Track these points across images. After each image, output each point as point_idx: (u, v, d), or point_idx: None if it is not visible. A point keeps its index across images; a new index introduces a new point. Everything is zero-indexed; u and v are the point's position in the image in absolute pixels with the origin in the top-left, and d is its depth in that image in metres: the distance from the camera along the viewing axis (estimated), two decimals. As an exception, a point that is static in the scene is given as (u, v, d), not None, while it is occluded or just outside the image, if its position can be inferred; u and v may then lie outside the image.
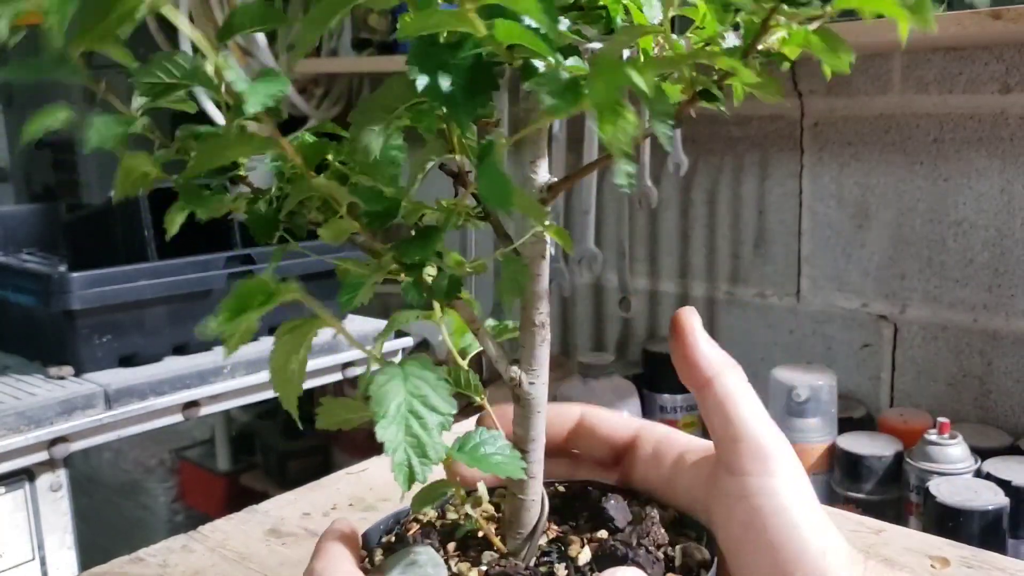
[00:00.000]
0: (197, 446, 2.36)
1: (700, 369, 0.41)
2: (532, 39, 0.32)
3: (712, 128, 1.68)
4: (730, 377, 0.41)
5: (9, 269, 1.35)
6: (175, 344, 1.35)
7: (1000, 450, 1.32)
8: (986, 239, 1.41)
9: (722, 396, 0.41)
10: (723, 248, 1.72)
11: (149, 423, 1.26)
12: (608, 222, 1.79)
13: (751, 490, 0.39)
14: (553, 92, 0.33)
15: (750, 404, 0.41)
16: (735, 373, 0.41)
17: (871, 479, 1.34)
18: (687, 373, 0.42)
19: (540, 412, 0.41)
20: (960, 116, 1.42)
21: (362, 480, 0.85)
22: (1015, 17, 1.12)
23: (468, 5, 0.31)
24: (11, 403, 1.14)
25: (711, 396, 0.41)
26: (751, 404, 0.41)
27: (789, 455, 0.40)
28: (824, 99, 1.55)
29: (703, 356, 0.41)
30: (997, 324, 1.42)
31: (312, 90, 2.17)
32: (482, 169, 0.35)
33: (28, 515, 1.15)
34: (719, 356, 0.42)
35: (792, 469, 0.40)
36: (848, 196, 1.54)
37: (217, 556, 0.70)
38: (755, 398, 0.41)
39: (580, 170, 0.42)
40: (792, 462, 0.40)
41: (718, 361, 0.42)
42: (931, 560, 0.66)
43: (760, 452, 0.39)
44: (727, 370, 0.41)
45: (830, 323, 1.60)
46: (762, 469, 0.39)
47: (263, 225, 0.42)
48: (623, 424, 0.46)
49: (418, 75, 0.33)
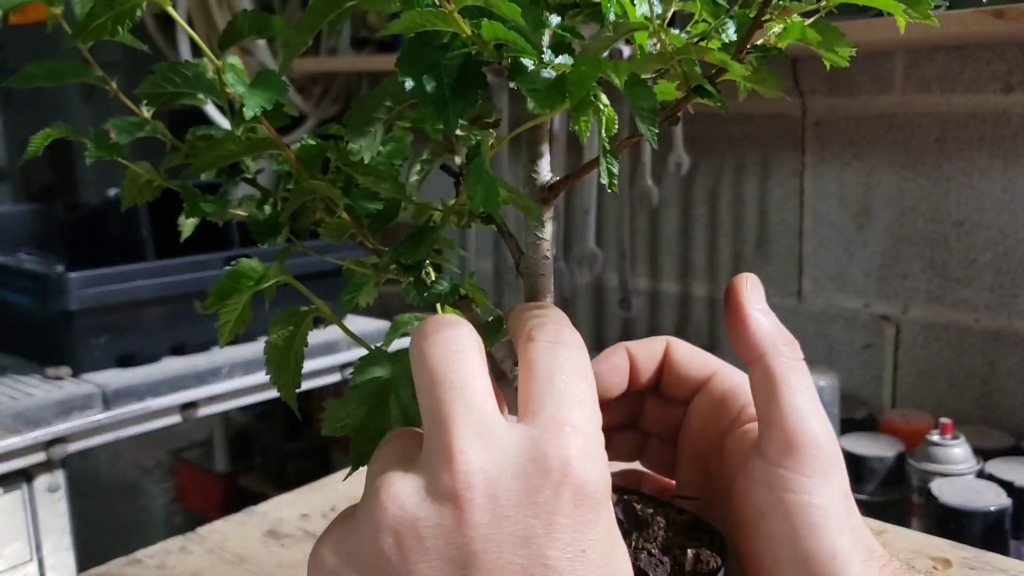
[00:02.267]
0: (195, 447, 2.36)
1: (749, 346, 0.40)
2: (517, 38, 0.32)
3: (713, 127, 1.68)
4: (778, 359, 0.39)
5: (7, 269, 1.34)
6: (173, 344, 1.35)
7: (1002, 451, 1.31)
8: (988, 239, 1.41)
9: (766, 379, 0.39)
10: (724, 248, 1.71)
11: (147, 424, 1.26)
12: (609, 222, 1.78)
13: (773, 479, 0.38)
14: (536, 92, 0.33)
15: (793, 391, 0.39)
16: (786, 353, 0.39)
17: (873, 480, 1.33)
18: (737, 348, 0.40)
19: None
20: (962, 115, 1.41)
21: (361, 481, 0.84)
22: (1017, 16, 1.12)
23: (451, 6, 0.31)
24: (8, 404, 1.14)
25: (756, 376, 0.40)
26: (795, 392, 0.39)
27: (823, 451, 0.38)
28: (826, 98, 1.55)
29: (753, 332, 0.39)
30: (999, 324, 1.42)
31: (311, 89, 2.17)
32: (470, 170, 0.35)
33: (26, 516, 1.14)
34: (770, 333, 0.40)
35: (822, 466, 0.38)
36: (850, 195, 1.54)
37: (215, 557, 0.70)
38: (803, 385, 0.39)
39: (580, 169, 0.41)
40: (825, 459, 0.38)
41: (768, 339, 0.39)
42: (933, 561, 0.65)
43: (791, 444, 0.38)
44: (776, 350, 0.39)
45: (832, 323, 1.60)
46: (789, 462, 0.38)
47: (264, 227, 0.42)
48: (701, 362, 0.44)
49: (405, 76, 0.33)
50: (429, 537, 0.30)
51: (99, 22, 0.36)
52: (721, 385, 0.43)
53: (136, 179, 0.44)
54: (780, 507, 0.38)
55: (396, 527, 0.31)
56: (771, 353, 0.39)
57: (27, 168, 2.38)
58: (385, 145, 0.40)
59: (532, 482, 0.31)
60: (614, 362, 0.43)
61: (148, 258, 1.32)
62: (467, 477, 0.30)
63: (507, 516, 0.30)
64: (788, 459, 0.38)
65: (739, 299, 0.40)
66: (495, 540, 0.30)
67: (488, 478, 0.30)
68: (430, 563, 0.30)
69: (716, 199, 1.71)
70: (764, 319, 0.40)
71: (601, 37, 0.35)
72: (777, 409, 0.38)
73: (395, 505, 0.31)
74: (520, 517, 0.30)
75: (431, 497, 0.31)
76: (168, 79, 0.38)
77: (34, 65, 0.40)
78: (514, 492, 0.30)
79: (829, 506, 0.38)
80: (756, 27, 0.35)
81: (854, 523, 0.39)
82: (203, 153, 0.38)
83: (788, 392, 0.39)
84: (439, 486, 0.31)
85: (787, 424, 0.38)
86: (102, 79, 0.41)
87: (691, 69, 0.35)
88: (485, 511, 0.30)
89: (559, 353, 0.34)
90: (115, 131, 0.42)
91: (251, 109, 0.35)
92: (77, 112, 2.15)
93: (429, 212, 0.41)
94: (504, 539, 0.30)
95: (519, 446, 0.31)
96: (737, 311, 0.40)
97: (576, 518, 0.30)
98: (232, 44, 0.37)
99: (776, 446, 0.38)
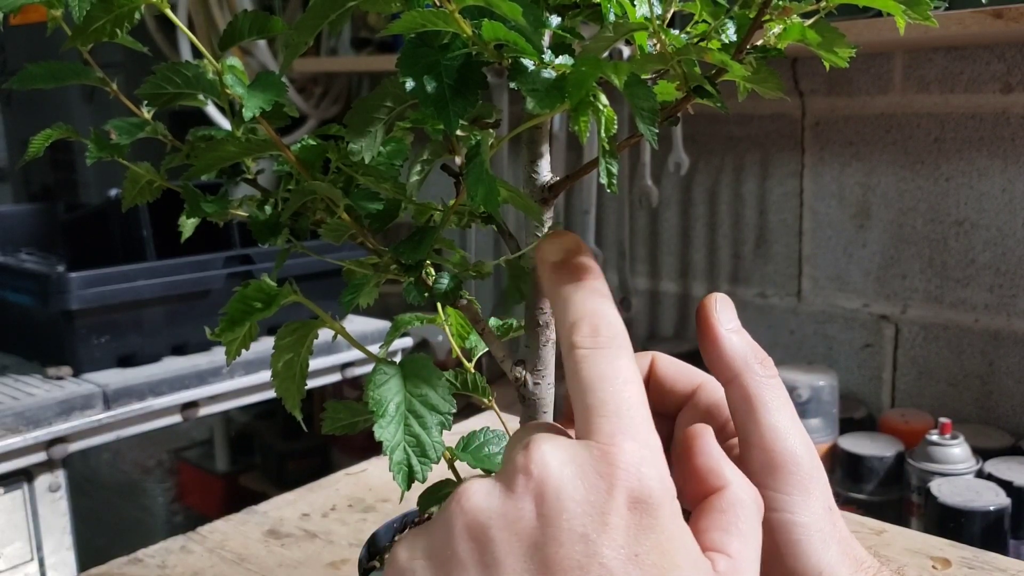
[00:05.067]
0: (196, 447, 2.36)
1: (723, 366, 0.40)
2: (517, 39, 0.32)
3: (713, 127, 1.68)
4: (752, 379, 0.39)
5: (7, 269, 1.34)
6: (174, 344, 1.35)
7: (1001, 451, 1.31)
8: (987, 239, 1.41)
9: (742, 398, 0.39)
10: (724, 248, 1.71)
11: (148, 424, 1.26)
12: (608, 222, 1.78)
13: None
14: (536, 92, 0.33)
15: (769, 410, 0.39)
16: (760, 372, 0.40)
17: (872, 480, 1.33)
18: (711, 368, 0.41)
19: (547, 412, 0.41)
20: (961, 116, 1.41)
21: (361, 481, 0.84)
22: (1016, 16, 1.12)
23: (451, 6, 0.31)
24: (9, 403, 1.14)
25: (732, 396, 0.40)
26: (770, 410, 0.39)
27: (802, 468, 0.38)
28: (825, 98, 1.55)
29: (726, 352, 0.40)
30: (998, 324, 1.42)
31: (311, 89, 2.17)
32: (470, 170, 0.35)
33: (27, 516, 1.14)
34: (743, 352, 0.40)
35: (802, 483, 0.38)
36: (849, 196, 1.54)
37: (216, 557, 0.70)
38: (779, 403, 0.39)
39: (580, 169, 0.41)
40: (804, 475, 0.38)
41: (741, 358, 0.40)
42: (932, 561, 0.65)
43: (770, 463, 0.38)
44: (750, 369, 0.40)
45: (831, 323, 1.60)
46: (770, 480, 0.38)
47: (264, 227, 0.42)
48: (687, 376, 0.44)
49: (406, 76, 0.33)
50: (495, 527, 0.32)
51: (97, 25, 0.36)
52: (706, 399, 0.43)
53: (137, 179, 0.44)
54: (763, 526, 0.38)
55: (466, 521, 0.32)
56: (745, 373, 0.40)
57: (28, 168, 2.38)
58: (385, 145, 0.40)
59: (589, 482, 0.32)
60: None
61: (149, 258, 1.32)
62: (536, 470, 0.32)
63: (567, 511, 0.31)
64: (768, 478, 0.38)
65: (710, 320, 0.41)
66: (555, 535, 0.31)
67: (553, 475, 0.32)
68: (497, 554, 0.31)
69: (716, 199, 1.71)
70: (736, 338, 0.40)
71: (601, 37, 0.35)
72: (755, 429, 0.39)
73: (467, 501, 0.32)
74: (579, 513, 0.31)
75: (501, 492, 0.32)
76: (168, 80, 0.38)
77: (34, 66, 0.40)
78: (574, 489, 0.32)
79: (811, 523, 0.38)
80: (756, 27, 0.35)
81: (840, 536, 0.39)
82: (204, 154, 0.38)
83: (764, 411, 0.39)
84: (510, 482, 0.32)
85: (765, 444, 0.39)
86: (102, 80, 0.41)
87: (691, 69, 0.35)
88: (549, 504, 0.31)
89: (601, 360, 0.35)
90: (116, 132, 0.42)
91: (251, 110, 0.35)
92: (78, 113, 2.15)
93: (429, 212, 0.41)
94: (564, 534, 0.31)
95: (581, 452, 0.33)
96: (708, 332, 0.40)
97: (631, 521, 0.31)
98: (232, 45, 0.37)
99: (756, 466, 0.39)
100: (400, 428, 0.37)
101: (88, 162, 0.42)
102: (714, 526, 0.34)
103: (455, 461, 0.42)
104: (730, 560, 0.33)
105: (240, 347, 0.40)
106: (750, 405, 0.39)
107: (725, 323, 0.40)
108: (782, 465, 0.38)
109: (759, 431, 0.39)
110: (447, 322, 0.47)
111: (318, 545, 0.72)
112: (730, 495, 0.35)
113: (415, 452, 0.37)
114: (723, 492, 0.35)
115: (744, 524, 0.35)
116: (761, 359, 0.40)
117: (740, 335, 0.40)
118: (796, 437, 0.39)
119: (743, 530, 0.34)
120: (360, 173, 0.39)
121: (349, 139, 0.37)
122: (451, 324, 0.47)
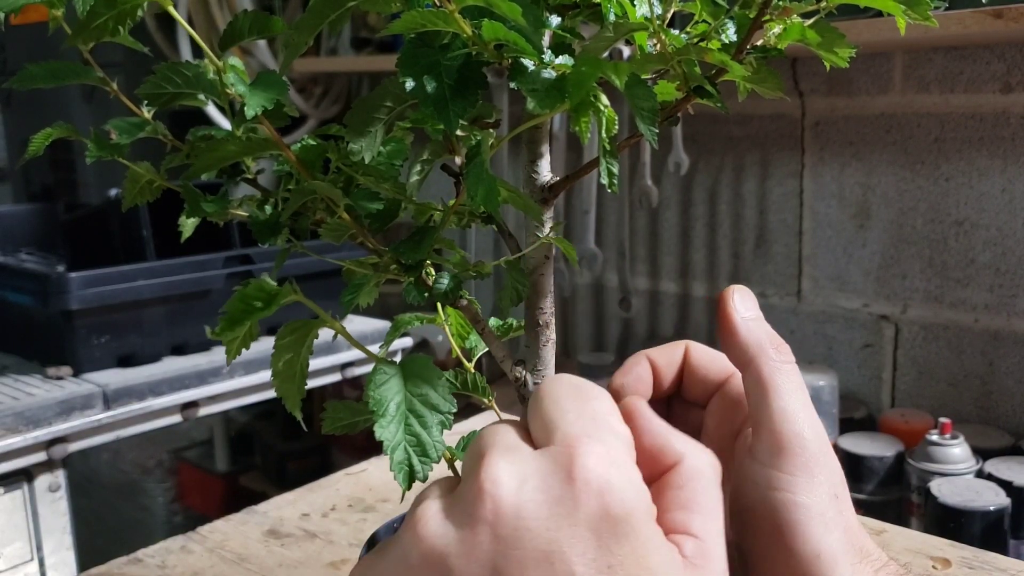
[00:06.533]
0: (196, 447, 2.36)
1: (739, 352, 0.40)
2: (517, 39, 0.32)
3: (713, 127, 1.68)
4: (767, 363, 0.40)
5: (7, 269, 1.34)
6: (174, 344, 1.35)
7: (1001, 450, 1.31)
8: (987, 239, 1.41)
9: (755, 382, 0.40)
10: (724, 248, 1.71)
11: (148, 424, 1.26)
12: (608, 222, 1.79)
13: (761, 478, 0.39)
14: (536, 92, 0.33)
15: (780, 394, 0.39)
16: (775, 357, 0.40)
17: (872, 480, 1.33)
18: (729, 354, 0.41)
19: None
20: (961, 115, 1.41)
21: (361, 481, 0.84)
22: (1016, 16, 1.12)
23: (451, 6, 0.31)
24: (9, 403, 1.14)
25: (747, 380, 0.40)
26: (782, 394, 0.39)
27: (808, 449, 0.39)
28: (825, 98, 1.55)
29: (742, 338, 0.40)
30: (998, 324, 1.42)
31: (311, 89, 2.17)
32: (470, 170, 0.35)
33: (27, 516, 1.14)
34: (759, 338, 0.40)
35: (806, 464, 0.38)
36: (849, 196, 1.54)
37: (216, 557, 0.70)
38: (792, 387, 0.40)
39: (580, 169, 0.41)
40: (809, 457, 0.39)
41: (756, 343, 0.40)
42: (932, 561, 0.65)
43: (777, 444, 0.39)
44: (765, 354, 0.40)
45: (831, 323, 1.60)
46: (776, 461, 0.38)
47: (264, 227, 0.42)
48: (719, 365, 0.44)
49: (406, 76, 0.33)
50: (453, 556, 0.30)
51: (100, 22, 0.36)
52: (736, 387, 0.43)
53: (137, 179, 0.44)
54: (765, 504, 0.38)
55: (422, 551, 0.31)
56: (760, 357, 0.40)
57: (28, 168, 2.38)
58: (385, 145, 0.40)
59: (552, 493, 0.30)
60: (637, 372, 0.44)
61: (149, 258, 1.32)
62: (492, 491, 0.30)
63: (529, 530, 0.30)
64: (775, 459, 0.39)
65: (727, 308, 0.41)
66: (517, 557, 0.30)
67: (510, 492, 0.30)
68: None
69: (715, 199, 1.71)
70: (753, 324, 0.41)
71: (601, 37, 0.35)
72: (765, 412, 0.39)
73: (423, 528, 0.31)
74: (542, 531, 0.30)
75: (459, 516, 0.31)
76: (169, 79, 0.38)
77: (34, 66, 0.40)
78: (536, 504, 0.30)
79: (813, 505, 0.38)
80: (756, 28, 0.35)
81: (846, 525, 0.39)
82: (204, 153, 0.38)
83: (775, 395, 0.39)
84: (467, 505, 0.31)
85: (774, 426, 0.39)
86: (102, 80, 0.41)
87: (691, 69, 0.35)
88: (507, 526, 0.30)
89: (559, 384, 0.35)
90: (116, 131, 0.42)
91: (251, 109, 0.35)
92: (78, 112, 2.15)
93: (429, 212, 0.41)
94: (527, 555, 0.30)
95: (541, 462, 0.31)
96: (725, 319, 0.41)
97: (603, 531, 0.30)
98: (233, 44, 0.37)
99: (764, 447, 0.39)
100: (400, 427, 0.37)
101: (88, 162, 0.42)
102: (674, 504, 0.34)
103: (455, 461, 0.42)
104: (696, 541, 0.33)
105: (240, 347, 0.40)
106: (762, 389, 0.39)
107: (742, 311, 0.41)
108: (787, 446, 0.39)
109: (769, 414, 0.39)
110: (447, 322, 0.47)
111: (318, 545, 0.72)
112: (685, 469, 0.34)
113: (416, 451, 0.37)
114: (678, 467, 0.34)
115: (703, 497, 0.34)
116: (777, 344, 0.41)
117: (757, 322, 0.41)
118: (805, 421, 0.39)
119: (703, 503, 0.34)
120: (360, 173, 0.39)
121: (349, 139, 0.37)
122: (451, 324, 0.47)
